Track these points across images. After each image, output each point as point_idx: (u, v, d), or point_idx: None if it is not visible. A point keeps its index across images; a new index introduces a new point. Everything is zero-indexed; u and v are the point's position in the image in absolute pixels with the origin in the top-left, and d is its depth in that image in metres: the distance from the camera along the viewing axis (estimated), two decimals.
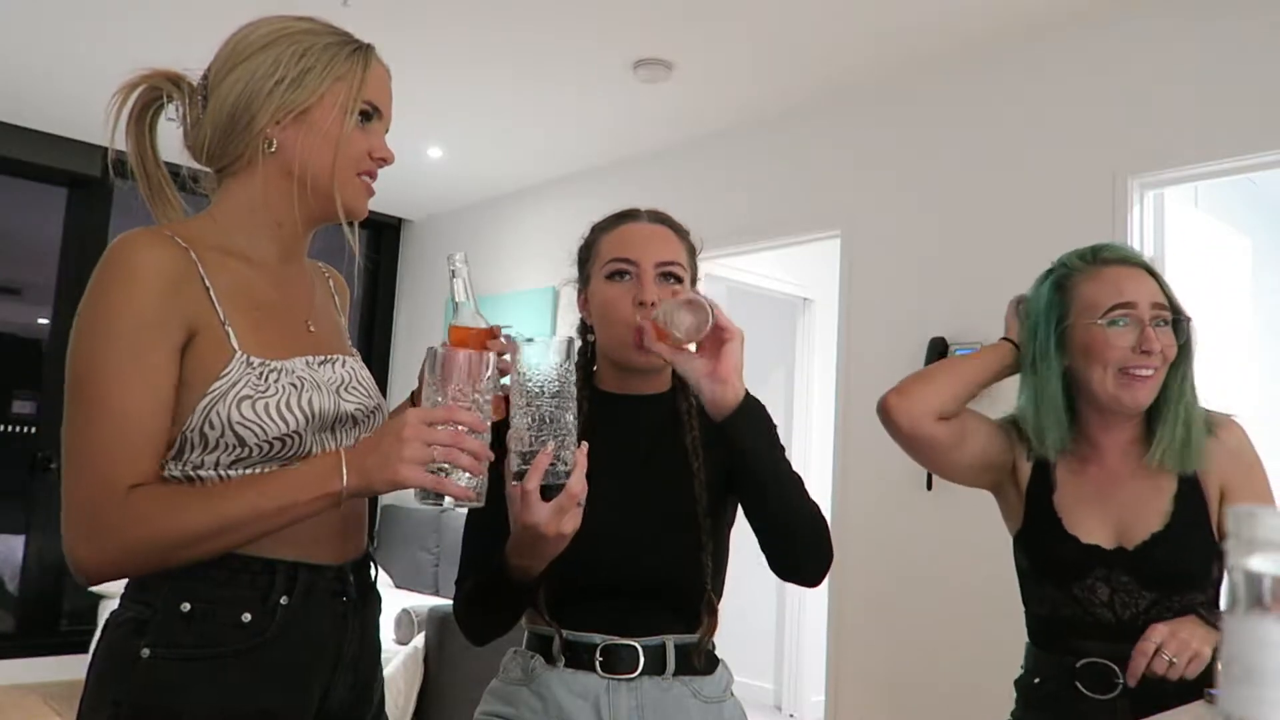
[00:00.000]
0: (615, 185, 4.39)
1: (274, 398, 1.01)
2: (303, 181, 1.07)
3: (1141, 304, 1.31)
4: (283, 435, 1.01)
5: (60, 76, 3.69)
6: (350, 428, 1.11)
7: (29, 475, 4.46)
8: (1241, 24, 2.54)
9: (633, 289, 1.24)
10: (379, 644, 1.19)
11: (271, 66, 1.07)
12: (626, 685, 1.18)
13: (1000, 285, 2.98)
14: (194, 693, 0.98)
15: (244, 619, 1.01)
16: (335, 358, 1.14)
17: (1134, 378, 1.29)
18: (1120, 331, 1.30)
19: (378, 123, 1.13)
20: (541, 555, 1.07)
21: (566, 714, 1.18)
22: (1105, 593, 1.30)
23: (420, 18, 3.04)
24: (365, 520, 1.17)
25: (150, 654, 0.98)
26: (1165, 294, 1.33)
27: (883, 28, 2.97)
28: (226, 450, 0.99)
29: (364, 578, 1.14)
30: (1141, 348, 1.28)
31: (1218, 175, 2.66)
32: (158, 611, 1.00)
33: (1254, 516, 0.49)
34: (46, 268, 4.58)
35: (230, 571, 1.01)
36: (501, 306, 4.87)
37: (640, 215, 1.32)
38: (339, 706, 1.10)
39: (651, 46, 3.21)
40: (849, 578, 3.26)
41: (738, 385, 1.13)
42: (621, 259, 1.25)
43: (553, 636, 1.21)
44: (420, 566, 4.49)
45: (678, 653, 1.21)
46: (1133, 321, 1.30)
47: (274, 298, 1.10)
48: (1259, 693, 0.48)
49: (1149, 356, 1.28)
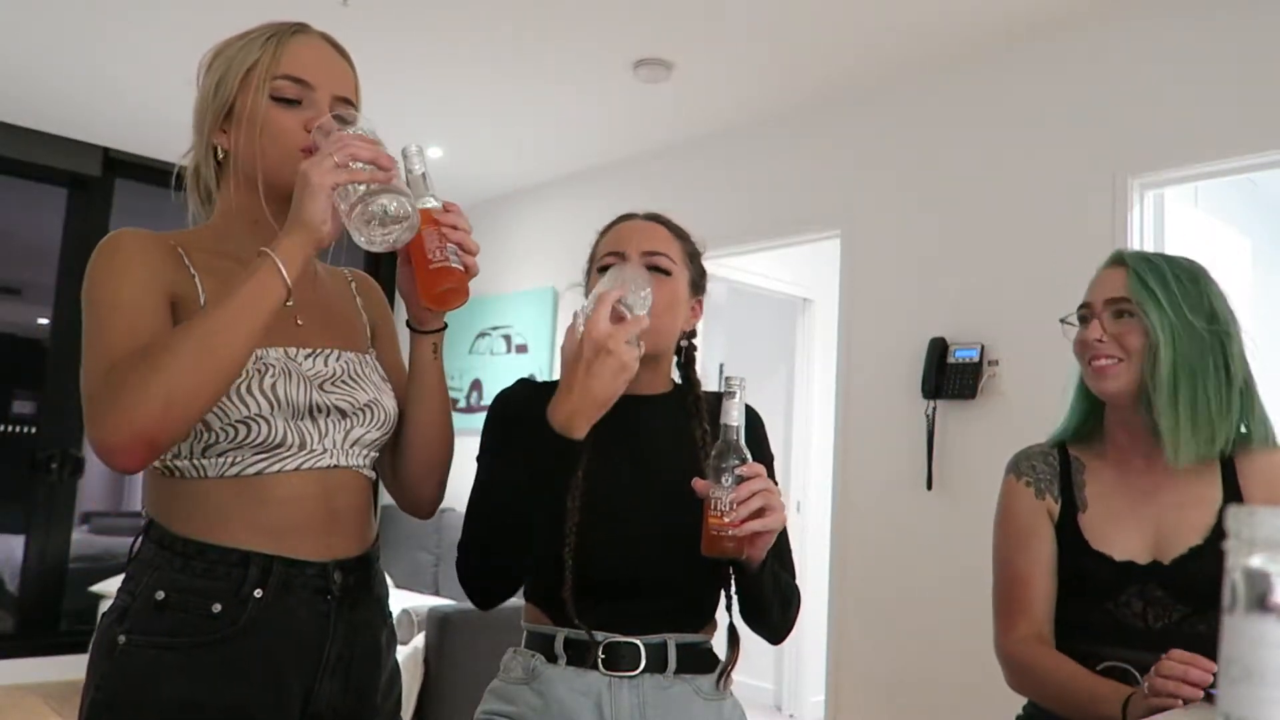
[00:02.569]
0: (615, 185, 4.39)
1: (239, 380, 1.02)
2: (251, 177, 1.11)
3: (1096, 301, 1.39)
4: (246, 418, 1.02)
5: (60, 76, 3.69)
6: (338, 419, 1.11)
7: (29, 475, 4.45)
8: (1241, 24, 2.54)
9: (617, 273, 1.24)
10: (379, 649, 1.16)
11: (209, 82, 1.13)
12: (628, 683, 1.19)
13: (1000, 285, 2.99)
14: (163, 682, 0.99)
15: (214, 610, 1.01)
16: (327, 351, 1.14)
17: (1094, 368, 1.37)
18: (1082, 328, 1.41)
19: (312, 93, 1.11)
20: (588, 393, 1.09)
21: (568, 712, 1.18)
22: (1139, 606, 1.30)
23: (420, 18, 3.03)
24: (362, 523, 1.15)
25: (126, 641, 1.01)
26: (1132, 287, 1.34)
27: (883, 27, 2.97)
28: (196, 437, 1.02)
29: (356, 579, 1.12)
30: (1083, 338, 1.38)
31: (1218, 175, 2.67)
32: (136, 599, 1.02)
33: (1254, 516, 0.49)
34: (46, 268, 4.58)
35: (207, 563, 1.02)
36: (501, 306, 4.87)
37: (635, 215, 1.36)
38: (330, 711, 1.08)
39: (651, 46, 3.21)
40: (849, 578, 3.26)
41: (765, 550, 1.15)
42: (612, 252, 1.30)
43: (554, 635, 1.21)
44: (420, 566, 4.49)
45: (679, 651, 1.22)
46: (1090, 316, 1.40)
47: None
48: (1259, 693, 0.48)
49: (1096, 346, 1.35)
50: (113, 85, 3.74)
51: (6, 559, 4.63)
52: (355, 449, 1.13)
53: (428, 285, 1.10)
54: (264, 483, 1.05)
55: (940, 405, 3.02)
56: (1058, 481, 1.41)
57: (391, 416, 1.18)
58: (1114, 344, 1.34)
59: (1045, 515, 1.40)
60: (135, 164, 4.54)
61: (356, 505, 1.13)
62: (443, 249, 1.08)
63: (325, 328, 1.18)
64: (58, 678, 4.28)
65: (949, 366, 2.99)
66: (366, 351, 1.21)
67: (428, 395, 1.19)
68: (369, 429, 1.14)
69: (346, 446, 1.12)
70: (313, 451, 1.08)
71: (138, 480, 5.23)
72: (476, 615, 3.41)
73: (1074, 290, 1.49)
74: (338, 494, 1.11)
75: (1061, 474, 1.42)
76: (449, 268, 1.08)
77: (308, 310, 1.16)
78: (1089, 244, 2.70)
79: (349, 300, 1.27)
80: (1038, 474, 1.42)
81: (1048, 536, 1.39)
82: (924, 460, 3.02)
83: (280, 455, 1.06)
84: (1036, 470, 1.43)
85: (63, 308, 4.54)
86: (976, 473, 2.88)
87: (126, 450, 0.93)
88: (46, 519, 4.47)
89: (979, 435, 2.92)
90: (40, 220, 4.66)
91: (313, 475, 1.08)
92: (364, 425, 1.13)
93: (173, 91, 3.74)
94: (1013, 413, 2.85)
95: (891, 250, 3.27)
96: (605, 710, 1.17)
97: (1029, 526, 1.40)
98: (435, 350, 1.18)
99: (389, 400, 1.18)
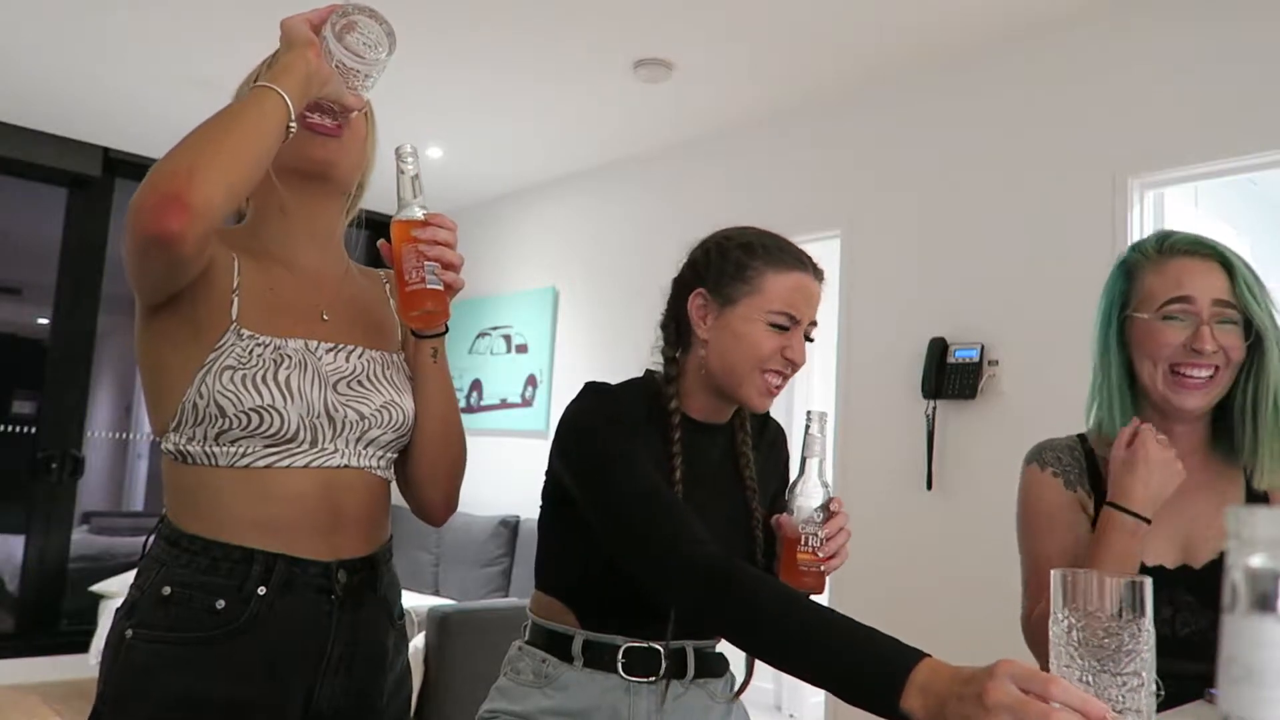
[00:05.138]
0: (615, 185, 4.39)
1: (253, 369, 1.04)
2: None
3: (1200, 299, 1.21)
4: (258, 407, 1.03)
5: (60, 76, 3.69)
6: (355, 420, 1.11)
7: (29, 475, 4.45)
8: (1241, 24, 2.54)
9: (787, 341, 1.19)
10: (384, 651, 1.15)
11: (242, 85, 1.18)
12: (647, 687, 1.19)
13: (1000, 285, 2.99)
14: (165, 675, 1.01)
15: (217, 606, 1.02)
16: (350, 348, 1.15)
17: (1184, 378, 1.21)
18: (1174, 327, 1.22)
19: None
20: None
21: (584, 713, 1.17)
22: (1168, 612, 1.21)
23: (420, 17, 3.04)
24: (370, 524, 1.15)
25: (132, 635, 1.03)
26: (1238, 290, 1.21)
27: (882, 28, 2.97)
28: (211, 421, 1.03)
29: (360, 579, 1.12)
30: (1193, 345, 1.19)
31: (1218, 175, 2.66)
32: (144, 595, 1.04)
33: (1254, 516, 0.49)
34: (46, 268, 4.58)
35: (212, 559, 1.03)
36: (501, 307, 4.87)
37: (807, 267, 1.26)
38: (331, 710, 1.09)
39: (651, 46, 3.21)
40: (849, 578, 3.26)
41: None
42: (785, 313, 1.19)
43: (572, 635, 1.20)
44: (420, 566, 4.49)
45: (697, 657, 1.22)
46: (1189, 318, 1.21)
47: (291, 284, 1.14)
48: (1259, 693, 0.48)
49: (1200, 356, 1.19)
50: (113, 85, 3.74)
51: (6, 559, 4.63)
52: (369, 449, 1.13)
53: (405, 307, 1.10)
54: (271, 477, 1.06)
55: (940, 405, 3.02)
56: (1086, 475, 1.32)
57: (410, 418, 1.17)
58: (1221, 355, 1.19)
59: (1078, 507, 1.30)
60: (135, 164, 4.54)
61: (364, 506, 1.13)
62: (420, 269, 1.07)
63: (352, 325, 1.18)
64: (57, 678, 4.28)
65: (949, 366, 2.99)
66: (394, 351, 1.21)
67: (429, 400, 1.18)
68: (384, 430, 1.14)
69: (360, 447, 1.12)
70: (323, 450, 1.09)
71: (138, 481, 5.26)
72: (476, 615, 3.41)
73: (1074, 290, 1.48)
74: (345, 494, 1.11)
75: (1089, 468, 1.32)
76: (424, 290, 1.07)
77: (335, 307, 1.17)
78: (1089, 244, 2.70)
79: (382, 301, 1.27)
80: (1064, 466, 1.32)
81: (1075, 525, 1.29)
82: (924, 460, 3.02)
83: (290, 450, 1.07)
84: (1063, 462, 1.33)
85: (63, 308, 4.54)
86: (976, 473, 2.88)
87: (155, 204, 0.92)
88: (46, 519, 4.47)
89: (979, 435, 2.92)
90: (40, 220, 4.66)
91: (321, 474, 1.09)
92: (380, 427, 1.13)
93: (173, 91, 3.74)
94: (1013, 413, 2.85)
95: (891, 250, 3.27)
96: (623, 714, 1.17)
97: (1055, 515, 1.30)
98: (435, 355, 1.18)
99: (409, 402, 1.18)
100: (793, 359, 1.19)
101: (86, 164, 4.45)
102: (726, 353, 1.20)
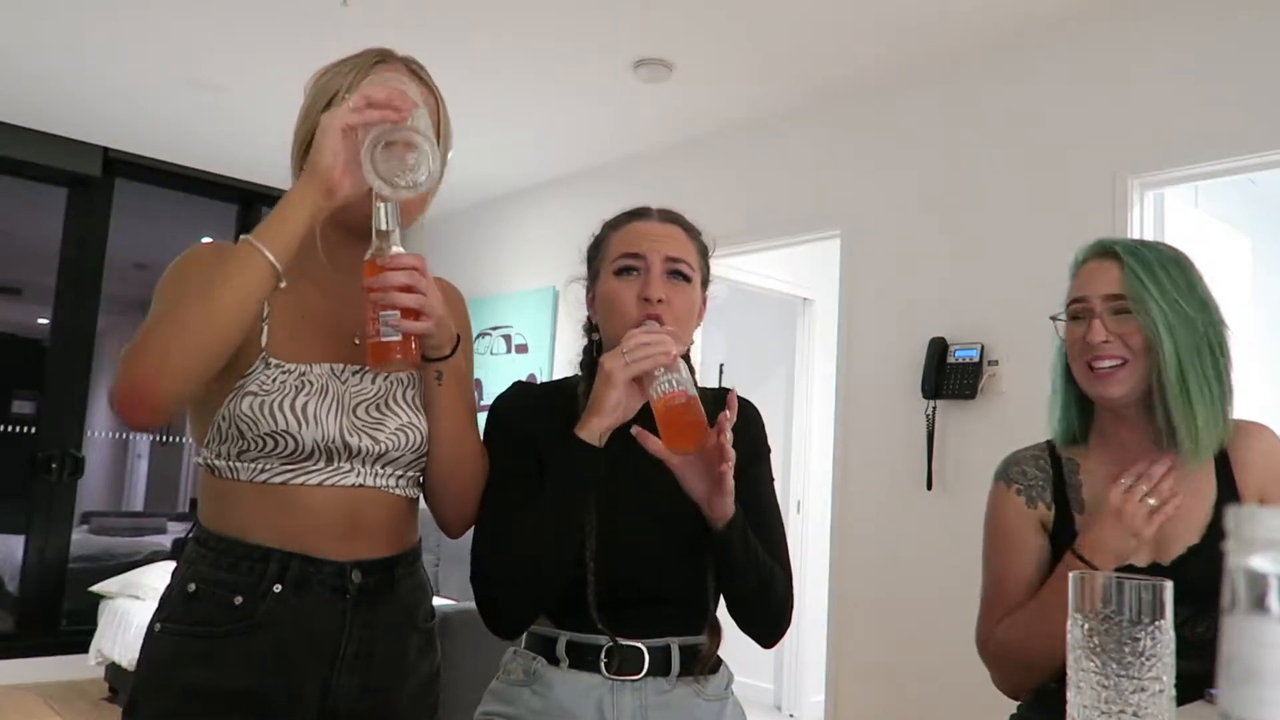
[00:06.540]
0: (615, 185, 4.38)
1: (273, 396, 1.07)
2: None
3: (1092, 297, 1.29)
4: (273, 432, 1.07)
5: (60, 76, 3.69)
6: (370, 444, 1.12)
7: (29, 475, 4.45)
8: (1241, 23, 2.54)
9: (639, 284, 1.23)
10: (404, 654, 1.17)
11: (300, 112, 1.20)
12: (631, 685, 1.19)
13: (1000, 285, 2.99)
14: (185, 666, 1.06)
15: (236, 601, 1.07)
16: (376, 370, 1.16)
17: (1094, 371, 1.28)
18: (1078, 326, 1.31)
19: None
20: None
21: (569, 713, 1.18)
22: None
23: (419, 18, 3.03)
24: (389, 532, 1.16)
25: (160, 628, 1.09)
26: (1128, 282, 1.26)
27: (882, 27, 2.97)
28: (233, 441, 1.08)
29: (377, 580, 1.13)
30: (1086, 339, 1.28)
31: (1218, 175, 2.66)
32: (174, 591, 1.10)
33: (1254, 516, 0.49)
34: (46, 268, 4.58)
35: (234, 558, 1.08)
36: (501, 306, 4.87)
37: (651, 213, 1.31)
38: (348, 709, 1.11)
39: (651, 46, 3.21)
40: (849, 578, 3.26)
41: (732, 503, 1.15)
42: (630, 254, 1.24)
43: (556, 638, 1.21)
44: None
45: (682, 653, 1.22)
46: (1086, 315, 1.29)
47: (323, 307, 1.16)
48: (1259, 693, 0.48)
49: (1097, 348, 1.27)
50: (113, 85, 3.74)
51: (6, 559, 4.63)
52: (386, 469, 1.15)
53: (369, 358, 1.08)
54: (289, 492, 1.09)
55: (940, 405, 3.02)
56: (1050, 486, 1.36)
57: (427, 439, 1.17)
58: (1119, 344, 1.26)
59: (1035, 525, 1.35)
60: (135, 164, 4.52)
61: (381, 519, 1.15)
62: (375, 321, 1.05)
63: None
64: (57, 678, 4.28)
65: (949, 366, 2.99)
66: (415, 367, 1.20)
67: (435, 423, 1.18)
68: (402, 452, 1.15)
69: (376, 467, 1.14)
70: (339, 469, 1.11)
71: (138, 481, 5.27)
72: (476, 615, 3.40)
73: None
74: (362, 509, 1.13)
75: (1054, 477, 1.37)
76: (381, 343, 1.05)
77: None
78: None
79: None
80: (1028, 480, 1.37)
81: (1034, 547, 1.34)
82: (924, 460, 3.02)
83: (307, 469, 1.10)
84: (1027, 475, 1.38)
85: (63, 308, 4.54)
86: (976, 473, 2.88)
87: (124, 399, 0.99)
88: (46, 519, 4.47)
89: (979, 435, 2.92)
90: (40, 220, 4.67)
91: (336, 491, 1.11)
92: (397, 449, 1.14)
93: (173, 91, 3.74)
94: (1013, 413, 2.85)
95: (891, 250, 3.27)
96: (607, 713, 1.17)
97: (1014, 535, 1.36)
98: (440, 378, 1.17)
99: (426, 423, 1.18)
100: (648, 296, 1.20)
101: (86, 164, 4.44)
102: (604, 323, 1.28)
